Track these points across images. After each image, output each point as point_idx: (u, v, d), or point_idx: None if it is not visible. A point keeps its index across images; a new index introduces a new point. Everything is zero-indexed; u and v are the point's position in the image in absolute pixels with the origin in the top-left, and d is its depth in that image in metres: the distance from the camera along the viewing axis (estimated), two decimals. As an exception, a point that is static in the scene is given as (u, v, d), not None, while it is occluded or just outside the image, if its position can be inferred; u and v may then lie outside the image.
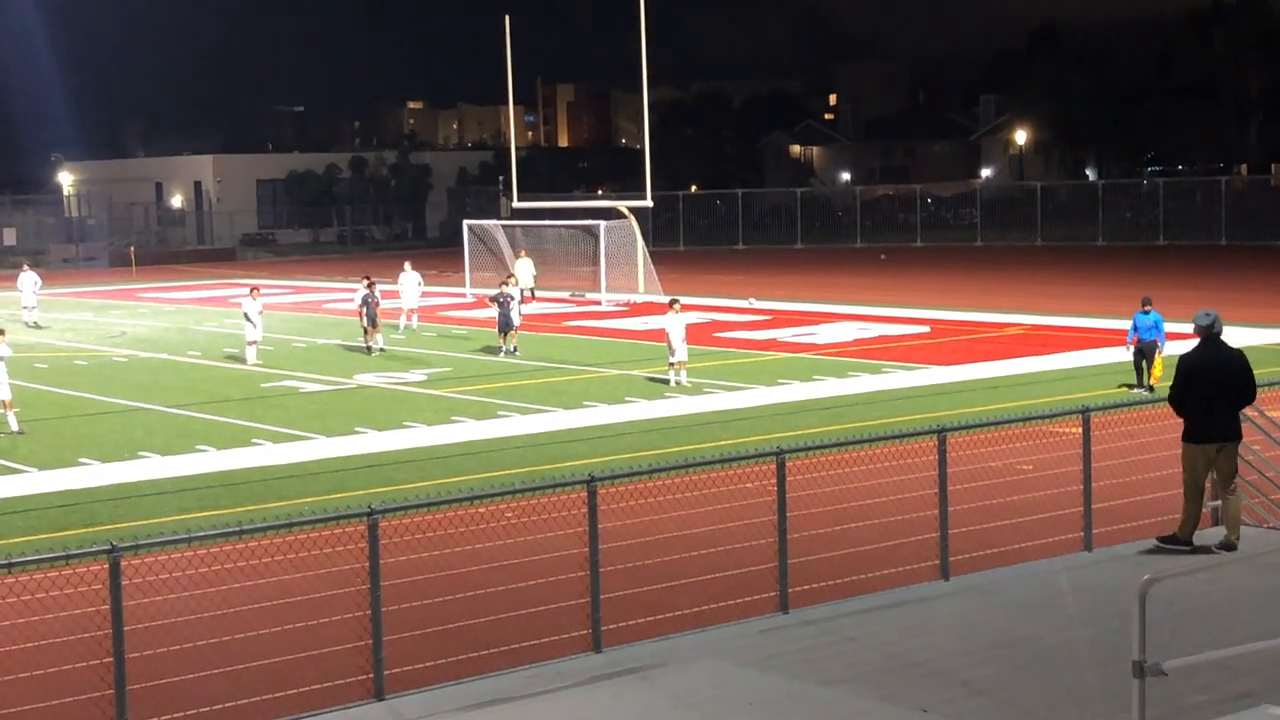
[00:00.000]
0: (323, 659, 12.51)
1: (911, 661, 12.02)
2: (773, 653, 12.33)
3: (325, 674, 12.12)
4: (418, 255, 57.84)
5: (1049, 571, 14.57)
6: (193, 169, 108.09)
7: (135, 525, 17.94)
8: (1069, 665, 11.81)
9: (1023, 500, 17.25)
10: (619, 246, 51.03)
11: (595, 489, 12.37)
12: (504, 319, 34.97)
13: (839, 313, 43.63)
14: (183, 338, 41.72)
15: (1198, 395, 14.65)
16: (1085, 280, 54.48)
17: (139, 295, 59.49)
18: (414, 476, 20.95)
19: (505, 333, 35.12)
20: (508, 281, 37.21)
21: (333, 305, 51.13)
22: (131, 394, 30.29)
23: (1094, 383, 28.00)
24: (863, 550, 15.40)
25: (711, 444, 22.46)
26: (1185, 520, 14.84)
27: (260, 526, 11.70)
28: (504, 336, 35.18)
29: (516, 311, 35.54)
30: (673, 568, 15.09)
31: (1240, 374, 14.71)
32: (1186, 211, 78.81)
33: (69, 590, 12.21)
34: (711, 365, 32.05)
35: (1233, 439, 14.81)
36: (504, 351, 34.92)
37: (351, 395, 29.54)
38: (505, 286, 36.02)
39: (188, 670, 12.43)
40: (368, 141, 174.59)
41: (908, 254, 74.79)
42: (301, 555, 13.74)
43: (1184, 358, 14.94)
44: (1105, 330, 36.28)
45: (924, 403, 26.44)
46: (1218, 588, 13.58)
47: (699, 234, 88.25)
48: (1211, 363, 14.70)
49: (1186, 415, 14.76)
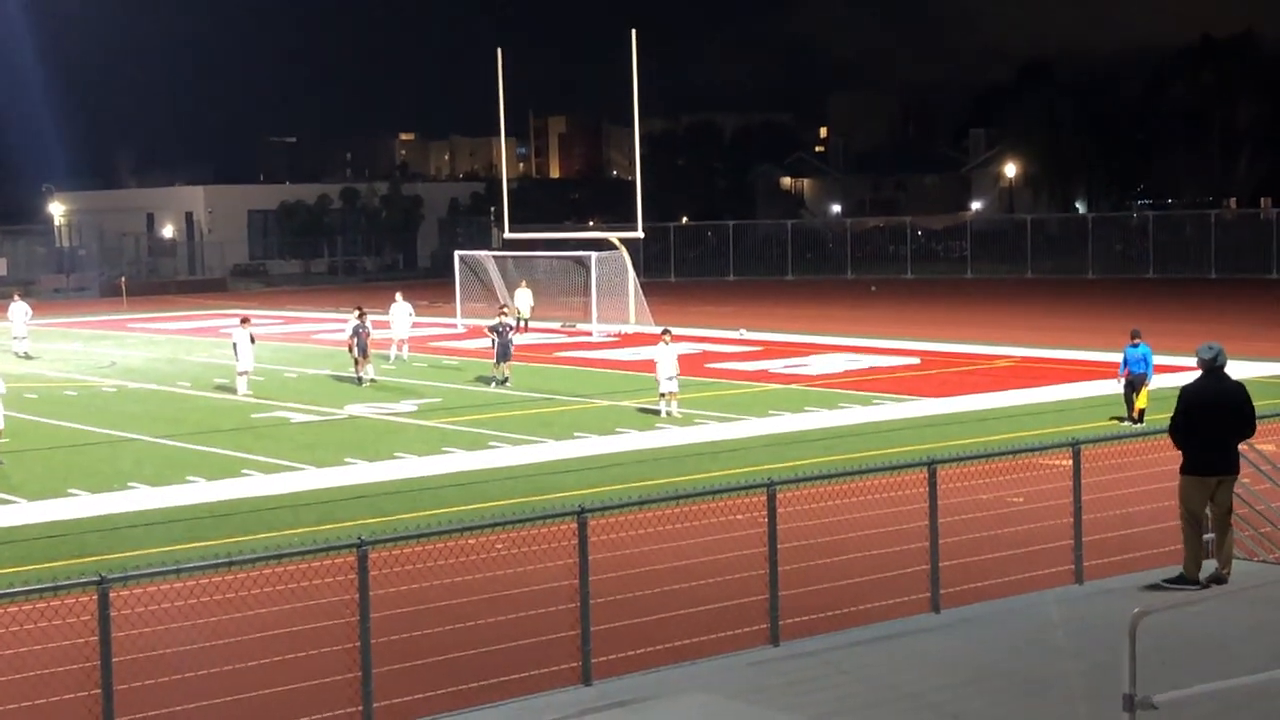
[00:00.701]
0: (312, 691, 12.46)
1: (903, 694, 11.99)
2: (763, 685, 12.29)
3: (314, 706, 12.07)
4: (409, 286, 57.83)
5: (1040, 604, 14.54)
6: (184, 199, 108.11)
7: (124, 556, 17.89)
8: (1060, 698, 11.78)
9: (1013, 533, 17.24)
10: (610, 277, 51.08)
11: (585, 520, 12.35)
12: (503, 348, 34.98)
13: (830, 344, 43.67)
14: (173, 368, 41.67)
15: (1198, 427, 14.56)
16: (1075, 313, 54.58)
17: (129, 326, 59.43)
18: (404, 507, 20.92)
19: (501, 362, 35.14)
20: (505, 311, 37.31)
21: (323, 336, 51.11)
22: (121, 424, 30.23)
23: (1084, 415, 28.02)
24: (854, 582, 15.38)
25: (702, 475, 22.44)
26: (1189, 558, 14.68)
27: (249, 558, 11.67)
28: (499, 366, 35.20)
29: (510, 342, 35.63)
30: (663, 600, 15.06)
31: (1241, 407, 14.67)
32: (1176, 245, 79.01)
33: (57, 621, 12.16)
34: (702, 396, 32.05)
35: (1232, 472, 14.78)
36: (495, 381, 34.92)
37: (342, 426, 29.51)
38: (503, 316, 36.14)
39: (176, 702, 12.38)
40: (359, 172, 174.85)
41: (898, 286, 74.91)
42: (291, 587, 13.70)
43: (1186, 389, 14.89)
44: (1095, 363, 36.33)
45: (914, 434, 26.45)
46: (1208, 621, 13.56)
47: (690, 265, 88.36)
48: (1213, 395, 14.68)
49: (1186, 447, 14.66)
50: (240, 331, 34.55)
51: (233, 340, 35.02)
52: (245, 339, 34.42)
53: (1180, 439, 14.68)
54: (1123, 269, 77.58)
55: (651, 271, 79.45)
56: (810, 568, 15.39)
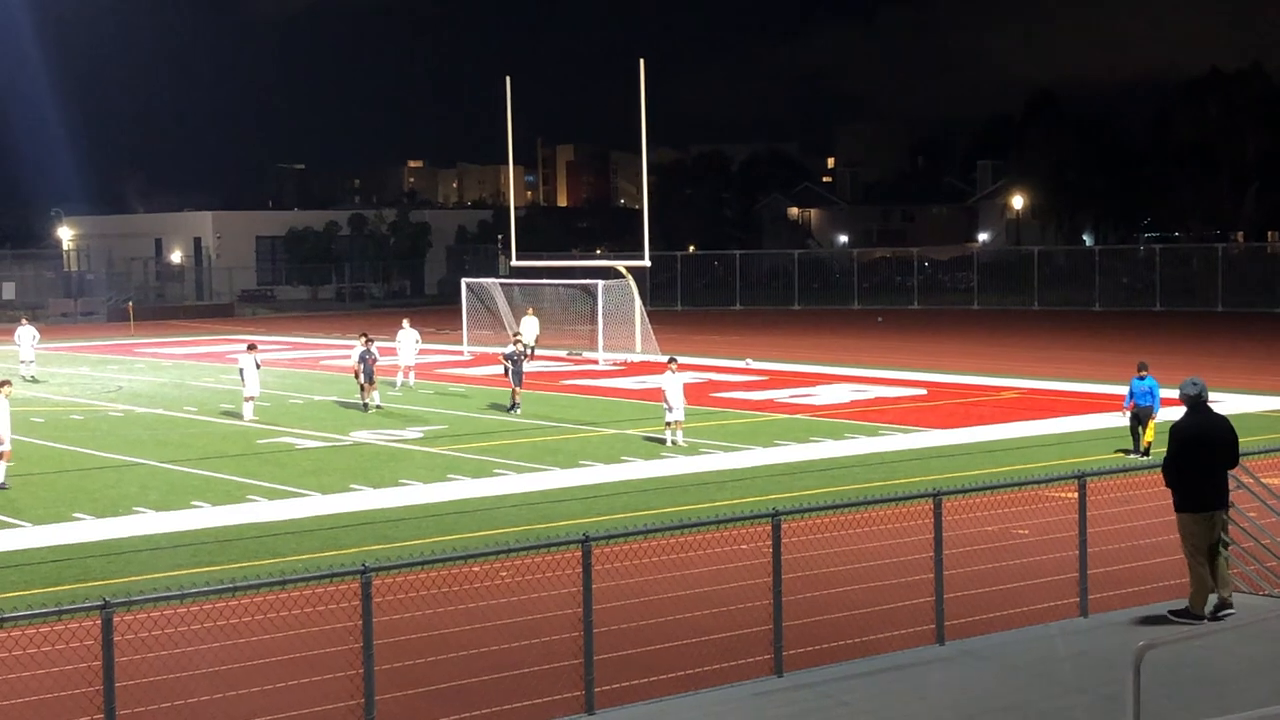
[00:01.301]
0: (315, 717, 12.45)
1: (906, 726, 11.96)
2: (767, 716, 12.26)
3: (317, 733, 12.05)
4: (416, 313, 57.93)
5: (1045, 637, 14.51)
6: (193, 225, 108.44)
7: (128, 581, 17.89)
8: (1064, 731, 11.74)
9: (1018, 565, 17.21)
10: (617, 306, 51.14)
11: (590, 549, 12.34)
12: (518, 375, 35.16)
13: (836, 374, 43.66)
14: (179, 393, 41.71)
15: (1193, 464, 14.62)
16: (1082, 345, 54.56)
17: (136, 350, 59.51)
18: (409, 534, 20.91)
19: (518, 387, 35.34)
20: (517, 339, 37.46)
21: (330, 362, 51.15)
22: (127, 449, 30.26)
23: (1090, 448, 27.99)
24: (858, 613, 15.36)
25: (707, 504, 22.42)
26: (1196, 591, 14.66)
27: (253, 584, 11.67)
28: (517, 392, 35.35)
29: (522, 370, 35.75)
30: (667, 629, 15.04)
31: (1230, 441, 14.78)
32: (1183, 278, 79.10)
33: (61, 646, 12.17)
34: (708, 425, 32.04)
35: (1225, 506, 14.85)
36: (516, 408, 34.98)
37: (347, 452, 29.52)
38: (517, 343, 36.39)
39: (178, 728, 12.36)
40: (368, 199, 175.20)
41: (905, 317, 74.92)
42: (294, 613, 13.70)
43: (1177, 428, 14.90)
44: (1102, 395, 36.30)
45: (920, 465, 26.43)
46: (1212, 654, 13.53)
47: (696, 294, 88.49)
48: (1204, 431, 14.73)
49: (1181, 484, 14.68)
50: (247, 357, 34.61)
51: (239, 366, 35.07)
52: (252, 365, 34.48)
53: (1173, 478, 14.70)
54: (1130, 301, 77.60)
55: (658, 300, 79.55)
56: (815, 598, 15.37)
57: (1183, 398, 14.92)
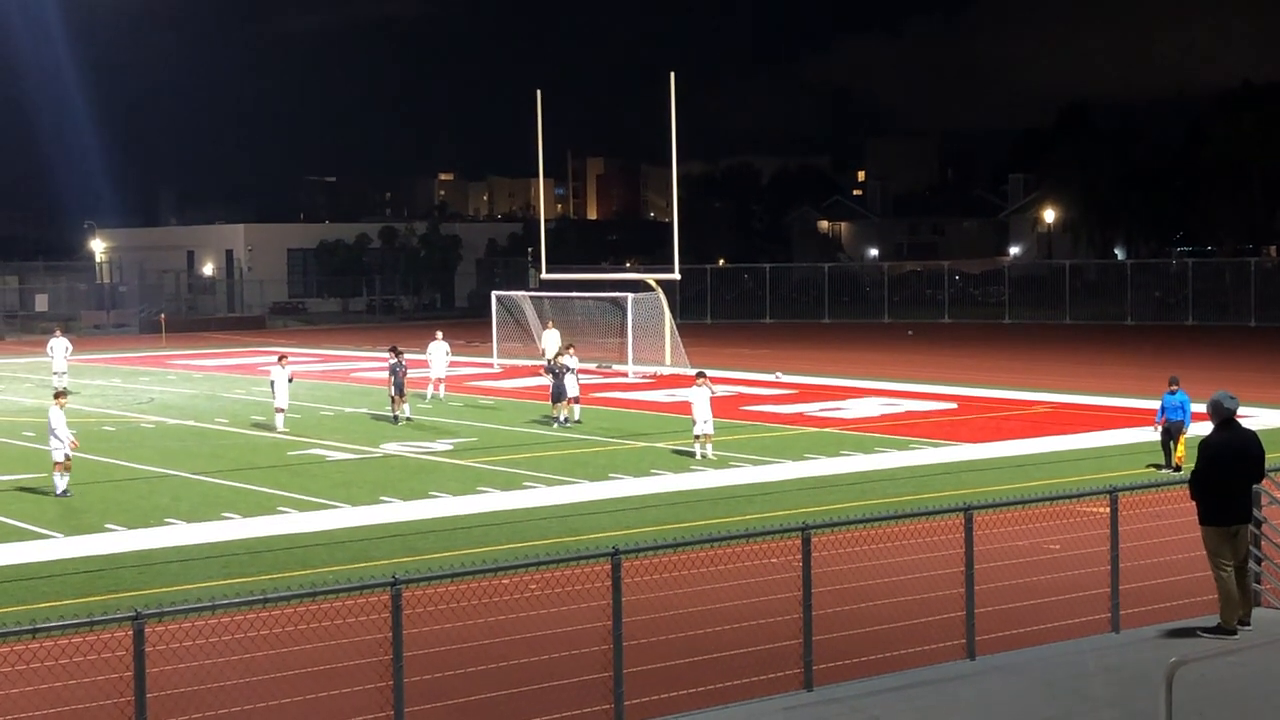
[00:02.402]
0: (344, 729, 12.46)
1: (936, 741, 11.92)
2: (796, 730, 12.24)
3: (347, 745, 12.07)
4: (446, 325, 58.05)
5: (1076, 652, 14.46)
6: (224, 238, 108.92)
7: (160, 592, 17.96)
8: (1095, 748, 11.69)
9: (1049, 580, 17.15)
10: (646, 319, 51.14)
11: (620, 562, 12.35)
12: (558, 389, 34.99)
13: (866, 388, 43.58)
14: (211, 405, 41.88)
15: (1222, 478, 14.64)
16: (1114, 359, 54.35)
17: (168, 362, 59.78)
18: (438, 546, 20.94)
19: (558, 402, 35.17)
20: (565, 351, 37.15)
21: (361, 374, 51.29)
22: (158, 460, 30.39)
23: (1122, 463, 27.88)
24: (888, 628, 15.32)
25: (737, 518, 22.40)
26: (1225, 606, 14.64)
27: (284, 595, 11.70)
28: (557, 406, 35.23)
29: (573, 382, 35.52)
30: (697, 643, 15.03)
31: (1258, 455, 14.88)
32: (1215, 292, 78.73)
33: (93, 656, 12.22)
34: (738, 439, 32.01)
35: (1249, 520, 14.90)
36: (557, 422, 34.92)
37: (378, 464, 29.59)
38: (562, 356, 36.10)
39: (209, 739, 12.40)
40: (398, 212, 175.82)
41: (935, 330, 74.76)
42: (325, 624, 13.73)
43: (1206, 443, 14.90)
44: (1133, 410, 36.15)
45: (951, 480, 26.36)
46: (1245, 671, 13.46)
47: (726, 307, 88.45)
48: (1233, 446, 14.76)
49: (1208, 498, 14.69)
50: (278, 369, 34.73)
51: (271, 378, 35.19)
52: (283, 377, 34.59)
53: (1199, 491, 14.71)
54: (1162, 315, 77.28)
55: (688, 313, 79.54)
56: (845, 612, 15.34)
57: (1215, 411, 14.90)
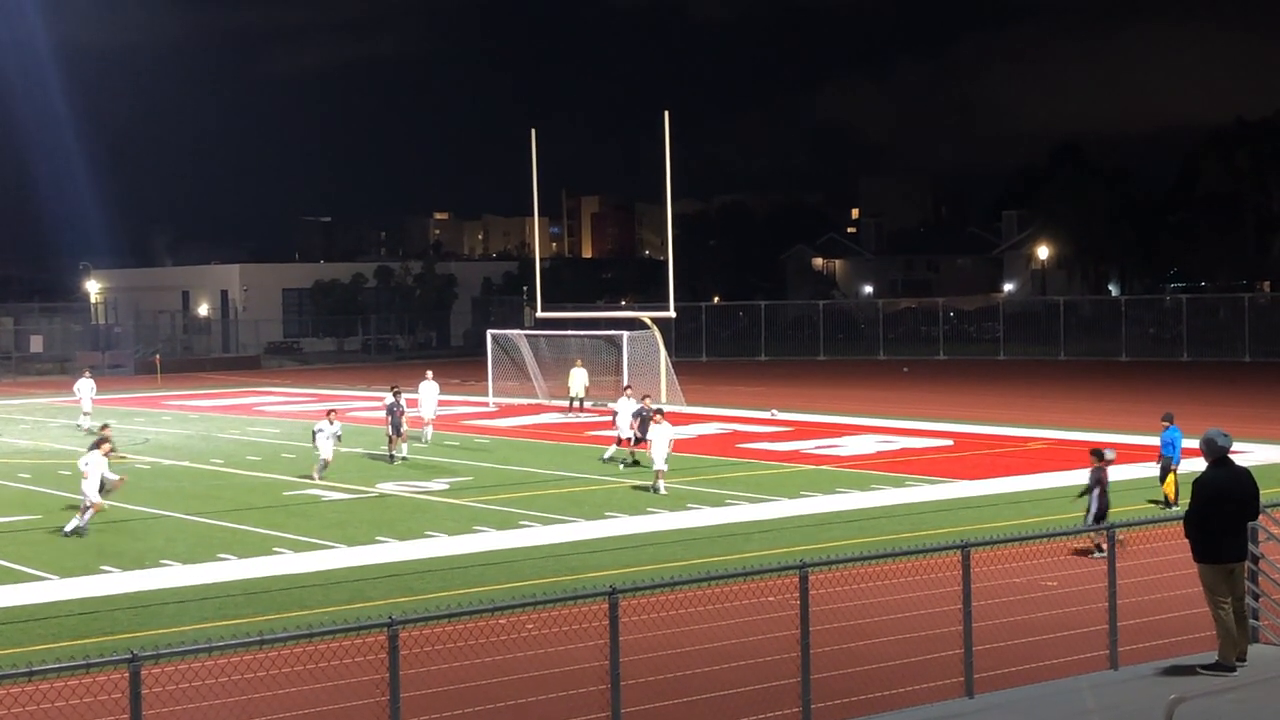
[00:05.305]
0: (341, 771, 12.41)
1: (935, 780, 11.88)
2: (795, 770, 12.19)
3: (343, 787, 12.02)
4: (441, 364, 58.06)
5: (1074, 690, 14.42)
6: (219, 278, 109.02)
7: (156, 634, 17.90)
8: (1095, 786, 11.65)
9: (1047, 617, 17.12)
10: (642, 356, 51.18)
11: (617, 601, 12.32)
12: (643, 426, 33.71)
13: (861, 425, 43.57)
14: (206, 445, 41.82)
15: (1216, 516, 14.62)
16: (1109, 395, 54.37)
17: (163, 403, 59.71)
18: (435, 586, 20.90)
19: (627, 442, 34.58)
20: (626, 392, 36.87)
21: (356, 414, 51.24)
22: (153, 501, 30.33)
23: (1119, 499, 27.82)
24: (886, 666, 15.28)
25: (734, 556, 22.36)
26: (1223, 642, 14.62)
27: (280, 636, 11.67)
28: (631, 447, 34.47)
29: (625, 423, 34.69)
30: (694, 682, 14.98)
31: (1252, 493, 14.89)
32: (1210, 328, 78.83)
33: (89, 699, 12.17)
34: (733, 476, 31.98)
35: (1245, 557, 14.89)
36: (624, 464, 34.41)
37: (373, 504, 29.54)
38: (629, 396, 36.06)
39: (205, 781, 12.34)
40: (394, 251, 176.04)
41: (930, 367, 74.81)
42: (322, 665, 13.68)
43: (1201, 481, 14.88)
44: (1130, 446, 36.13)
45: (947, 517, 26.33)
46: (1245, 709, 13.42)
47: (721, 345, 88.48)
48: (1227, 483, 14.75)
49: (1204, 536, 14.64)
50: (325, 424, 33.20)
51: (315, 428, 33.79)
52: (329, 433, 33.01)
53: (1194, 530, 14.67)
54: (1156, 352, 77.36)
55: (683, 351, 79.61)
56: (843, 650, 15.30)
57: (1208, 448, 14.88)
